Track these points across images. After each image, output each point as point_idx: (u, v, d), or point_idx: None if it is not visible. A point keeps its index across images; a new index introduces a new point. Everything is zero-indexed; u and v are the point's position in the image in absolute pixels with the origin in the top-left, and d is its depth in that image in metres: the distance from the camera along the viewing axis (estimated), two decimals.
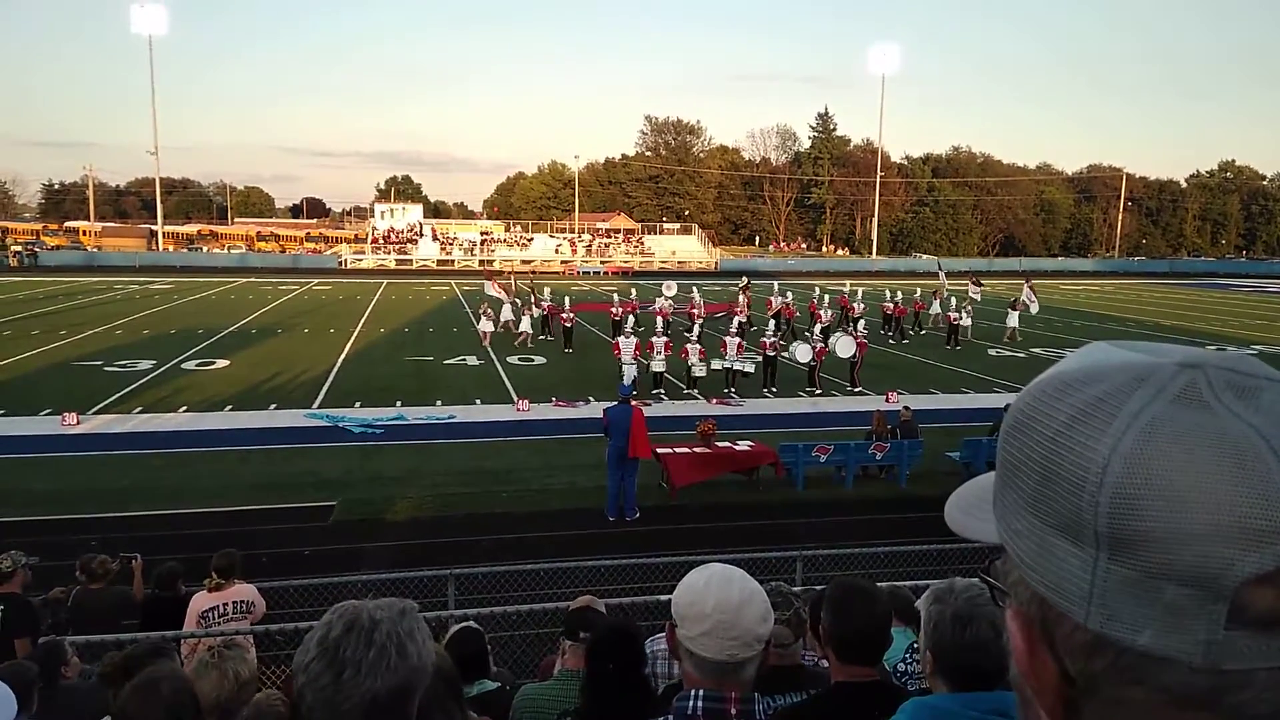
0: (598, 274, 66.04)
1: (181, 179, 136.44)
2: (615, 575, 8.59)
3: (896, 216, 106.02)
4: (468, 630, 4.27)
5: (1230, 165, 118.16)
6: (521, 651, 6.69)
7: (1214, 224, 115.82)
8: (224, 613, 6.64)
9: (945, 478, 13.98)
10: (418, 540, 11.31)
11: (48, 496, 12.75)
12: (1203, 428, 0.56)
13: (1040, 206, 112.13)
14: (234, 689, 3.20)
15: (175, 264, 65.56)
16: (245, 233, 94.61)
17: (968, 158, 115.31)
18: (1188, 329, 35.92)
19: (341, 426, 17.06)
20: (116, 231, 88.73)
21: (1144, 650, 0.56)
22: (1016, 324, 31.51)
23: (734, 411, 18.89)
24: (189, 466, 14.51)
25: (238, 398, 19.56)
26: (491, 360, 25.14)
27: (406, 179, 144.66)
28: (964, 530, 0.74)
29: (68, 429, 16.49)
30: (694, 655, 1.94)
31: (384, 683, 1.43)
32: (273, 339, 29.07)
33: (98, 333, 29.25)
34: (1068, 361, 0.66)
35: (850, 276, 57.81)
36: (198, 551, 8.39)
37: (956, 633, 2.11)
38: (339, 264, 68.82)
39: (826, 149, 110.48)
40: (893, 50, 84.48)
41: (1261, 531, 0.53)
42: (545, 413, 18.57)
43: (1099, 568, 0.58)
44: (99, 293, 43.68)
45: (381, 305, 40.85)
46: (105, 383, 20.75)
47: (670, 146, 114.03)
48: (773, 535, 11.08)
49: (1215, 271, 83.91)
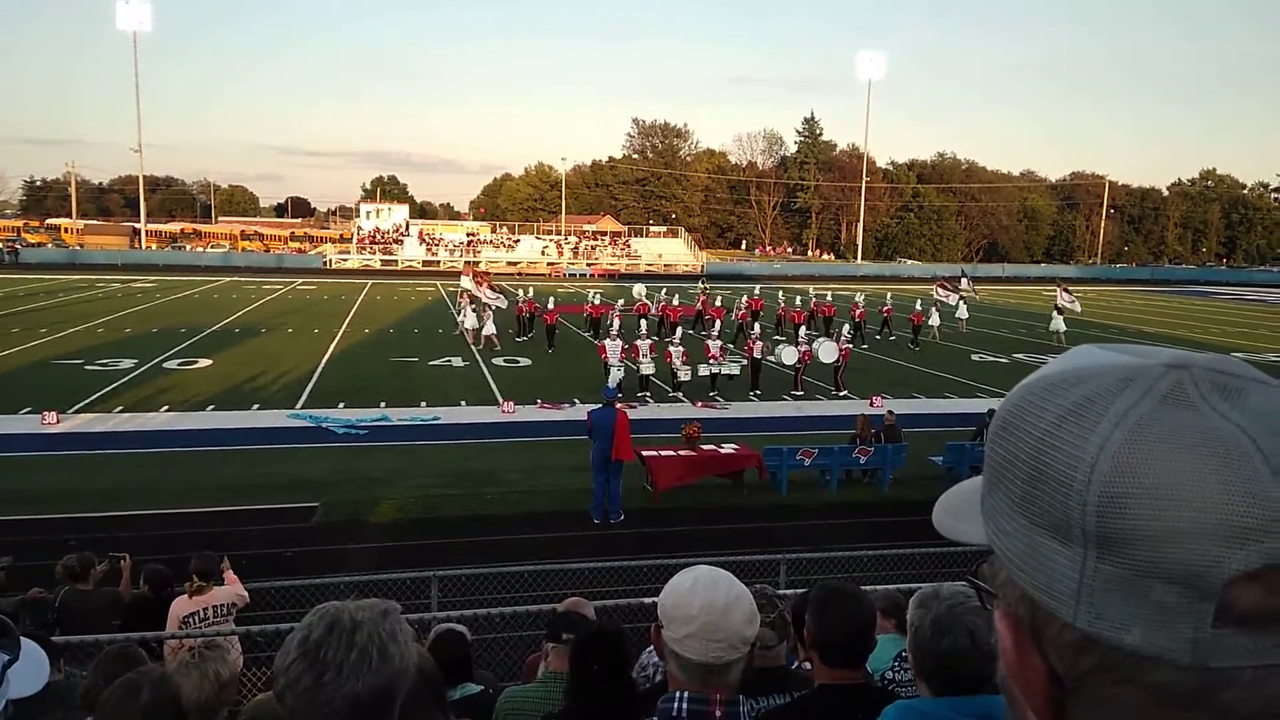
0: (584, 276, 66.03)
1: (165, 177, 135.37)
2: (600, 578, 8.58)
3: (882, 222, 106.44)
4: (450, 633, 4.25)
5: (1211, 174, 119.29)
6: (505, 654, 6.67)
7: (1195, 232, 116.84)
8: (205, 617, 6.58)
9: (929, 482, 14.05)
10: (401, 542, 11.26)
11: (27, 496, 12.61)
12: (1190, 427, 0.57)
13: (1023, 213, 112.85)
14: (215, 690, 3.18)
15: (158, 262, 65.06)
16: (229, 231, 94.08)
17: (952, 164, 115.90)
18: (1170, 336, 36.26)
19: (325, 427, 16.97)
20: (99, 229, 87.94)
21: (1132, 649, 0.57)
22: (1063, 327, 32.17)
23: (719, 414, 18.92)
24: (170, 466, 14.40)
25: (220, 397, 19.42)
26: (476, 360, 25.09)
27: (393, 179, 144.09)
28: (951, 533, 0.75)
29: (47, 428, 16.33)
30: (679, 657, 1.94)
31: (365, 684, 1.42)
32: (256, 339, 28.90)
33: (78, 331, 28.99)
34: (1055, 363, 0.67)
35: (835, 281, 58.14)
36: (178, 552, 8.31)
37: (935, 640, 2.13)
38: (323, 264, 68.52)
39: (812, 154, 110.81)
40: (879, 57, 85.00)
41: (1248, 529, 0.54)
42: (530, 414, 18.54)
43: (1087, 566, 0.58)
44: (80, 291, 43.31)
45: (366, 305, 40.70)
46: (86, 382, 20.57)
47: (657, 150, 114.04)
48: (757, 538, 11.10)
49: (1196, 279, 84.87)
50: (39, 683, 1.63)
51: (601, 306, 29.89)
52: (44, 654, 1.75)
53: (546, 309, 28.33)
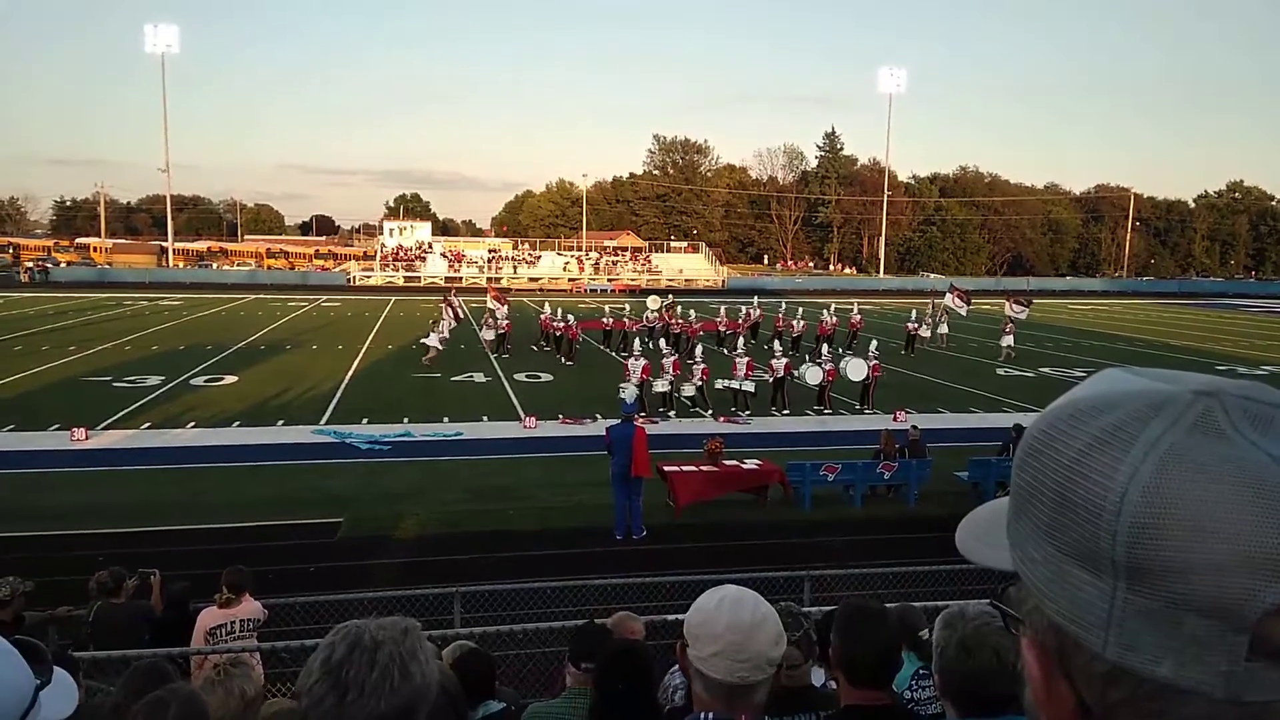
0: (605, 291, 66.20)
1: (192, 196, 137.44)
2: (622, 594, 8.53)
3: (904, 235, 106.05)
4: (473, 651, 4.24)
5: (1239, 185, 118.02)
6: (528, 671, 6.65)
7: (1223, 244, 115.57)
8: (231, 630, 6.62)
9: (954, 498, 13.91)
10: (424, 558, 11.28)
11: (55, 512, 12.75)
12: (1221, 457, 0.56)
13: (1048, 226, 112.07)
14: (240, 707, 3.19)
15: (185, 280, 65.92)
16: (255, 249, 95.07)
17: (975, 177, 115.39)
18: (1197, 349, 35.79)
19: (349, 443, 17.07)
20: (127, 248, 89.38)
21: (1163, 681, 0.56)
22: (1010, 342, 31.77)
23: (742, 430, 18.86)
24: (196, 482, 14.53)
25: (246, 414, 19.60)
26: (499, 375, 25.18)
27: (415, 197, 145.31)
28: (976, 557, 0.74)
29: (76, 444, 16.53)
30: (704, 676, 1.92)
31: (388, 704, 1.43)
32: (281, 355, 29.16)
33: (107, 348, 29.37)
34: (1082, 388, 0.66)
35: (857, 295, 57.87)
36: (204, 568, 8.39)
37: (961, 660, 2.11)
38: (348, 281, 69.16)
39: (833, 168, 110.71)
40: (900, 71, 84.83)
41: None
42: (552, 430, 18.57)
43: (1117, 597, 0.57)
44: (109, 309, 43.91)
45: (390, 322, 40.96)
46: (114, 398, 20.81)
47: (678, 165, 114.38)
48: (780, 555, 11.02)
49: (1224, 292, 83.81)
50: (70, 706, 1.64)
51: (632, 322, 30.29)
52: (71, 678, 1.76)
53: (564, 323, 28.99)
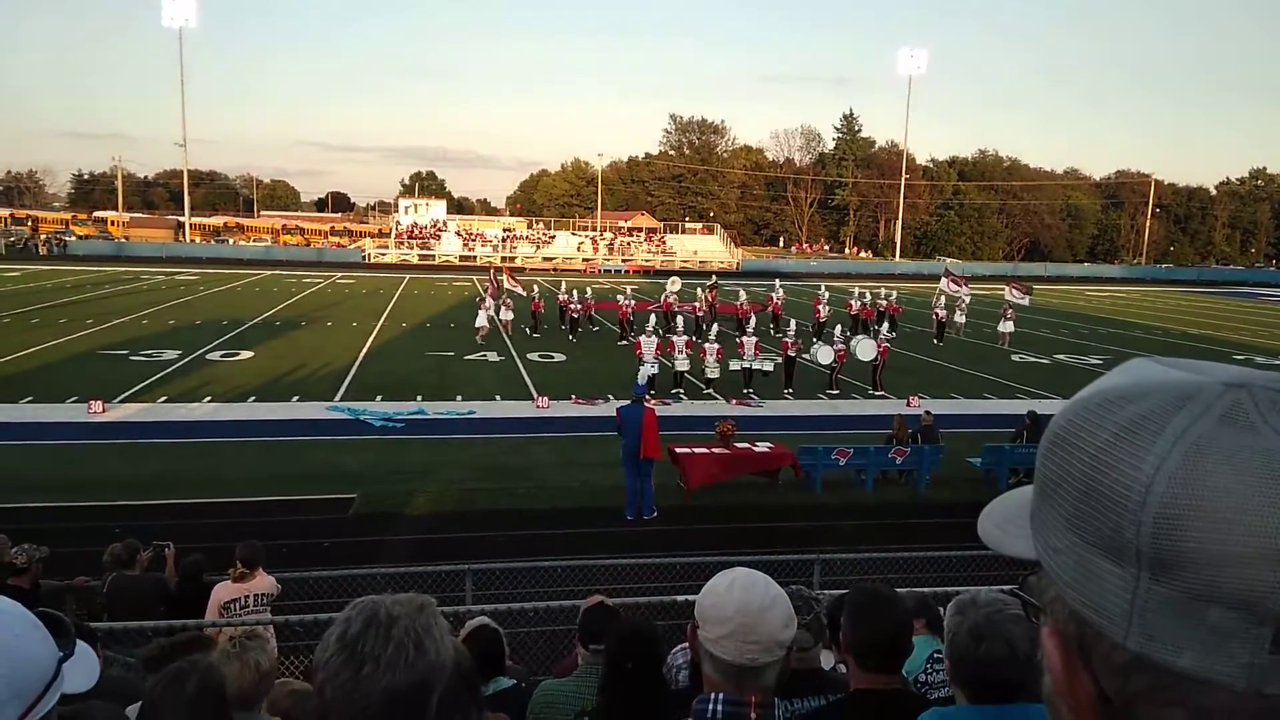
0: (619, 271, 66.11)
1: (209, 171, 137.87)
2: (632, 574, 8.60)
3: (921, 219, 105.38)
4: (485, 628, 4.27)
5: (1261, 173, 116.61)
6: (537, 648, 6.71)
7: (1244, 232, 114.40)
8: (245, 604, 6.70)
9: (966, 484, 13.90)
10: (436, 535, 11.36)
11: (72, 483, 12.89)
12: (1249, 449, 0.55)
13: (1066, 212, 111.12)
14: (255, 679, 3.23)
15: (201, 255, 66.14)
16: (271, 226, 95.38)
17: (994, 161, 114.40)
18: (1216, 338, 35.51)
19: (362, 419, 17.16)
20: (144, 222, 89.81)
21: (1185, 672, 0.56)
22: (1011, 329, 30.96)
23: (753, 412, 18.86)
24: (212, 456, 14.65)
25: (261, 389, 19.72)
26: (512, 355, 25.23)
27: (431, 175, 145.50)
28: (998, 545, 0.73)
29: (93, 417, 16.70)
30: (714, 658, 1.93)
31: (402, 678, 1.43)
32: (296, 331, 29.29)
33: (124, 322, 29.57)
34: (1110, 377, 0.65)
35: (873, 279, 57.60)
36: (218, 541, 8.48)
37: (972, 647, 2.12)
38: (363, 258, 69.26)
39: (851, 150, 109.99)
40: (920, 52, 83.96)
41: None
42: (565, 410, 18.62)
43: (1140, 587, 0.57)
44: (126, 283, 44.16)
45: (404, 300, 41.06)
46: (131, 372, 20.98)
47: (694, 146, 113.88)
48: (791, 538, 11.03)
49: (1245, 280, 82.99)
50: (91, 679, 1.66)
51: (643, 304, 30.52)
52: (92, 651, 1.79)
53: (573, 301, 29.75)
